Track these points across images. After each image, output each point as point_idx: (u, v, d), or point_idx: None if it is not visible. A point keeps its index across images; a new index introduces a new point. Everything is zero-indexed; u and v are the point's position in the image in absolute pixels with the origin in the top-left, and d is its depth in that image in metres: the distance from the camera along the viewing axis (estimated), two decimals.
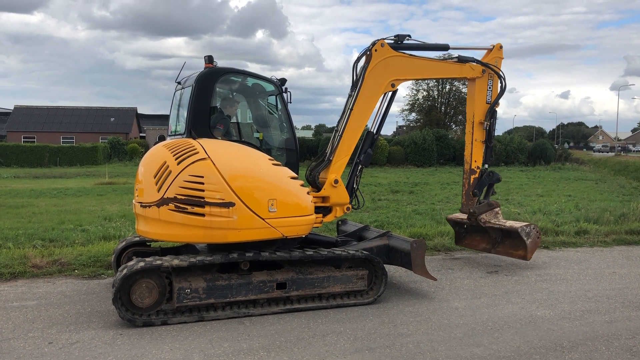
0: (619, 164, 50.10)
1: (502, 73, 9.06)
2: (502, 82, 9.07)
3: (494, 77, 9.01)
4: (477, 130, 9.05)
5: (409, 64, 8.35)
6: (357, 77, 8.07)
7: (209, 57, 7.20)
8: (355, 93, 7.94)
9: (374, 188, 23.89)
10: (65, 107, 64.90)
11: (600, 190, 24.93)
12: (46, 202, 18.00)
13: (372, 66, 7.98)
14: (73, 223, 12.78)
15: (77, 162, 45.32)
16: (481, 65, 8.89)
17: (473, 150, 9.06)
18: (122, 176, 30.27)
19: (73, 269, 8.60)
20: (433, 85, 68.34)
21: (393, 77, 8.14)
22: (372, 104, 8.08)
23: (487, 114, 9.00)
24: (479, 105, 9.02)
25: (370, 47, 8.05)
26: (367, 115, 8.07)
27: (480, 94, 9.00)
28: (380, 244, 7.83)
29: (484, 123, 8.99)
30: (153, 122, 70.52)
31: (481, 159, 9.12)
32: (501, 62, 9.14)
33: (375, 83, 8.02)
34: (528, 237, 8.80)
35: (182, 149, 6.48)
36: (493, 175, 9.20)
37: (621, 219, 13.52)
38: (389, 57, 8.08)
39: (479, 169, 9.10)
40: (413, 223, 12.83)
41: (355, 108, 7.90)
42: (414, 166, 46.15)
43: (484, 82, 8.97)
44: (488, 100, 9.03)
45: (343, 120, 7.99)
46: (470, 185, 9.08)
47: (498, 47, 9.12)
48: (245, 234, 6.43)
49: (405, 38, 8.35)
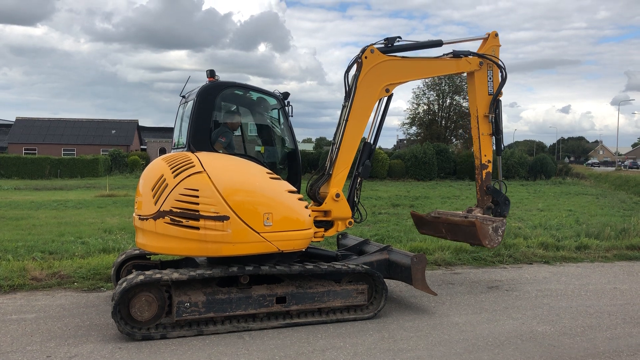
0: (619, 178, 50.09)
1: (501, 62, 8.77)
2: (502, 72, 8.77)
3: (493, 67, 8.72)
4: (483, 123, 8.76)
5: (402, 67, 8.11)
6: (350, 87, 7.91)
7: (210, 71, 7.24)
8: (349, 103, 7.79)
9: (375, 201, 23.87)
10: (66, 119, 65.12)
11: (601, 205, 24.90)
12: (46, 214, 17.99)
13: (364, 74, 7.78)
14: (73, 235, 12.76)
15: (78, 174, 45.36)
16: (478, 57, 8.61)
17: (481, 145, 8.77)
18: (123, 188, 30.26)
19: (72, 281, 8.58)
20: (433, 100, 68.58)
21: (387, 82, 7.94)
22: (367, 112, 7.92)
23: (491, 106, 8.71)
24: (481, 98, 8.73)
25: (360, 55, 7.84)
26: (364, 124, 7.91)
27: (480, 87, 8.72)
28: (381, 259, 7.80)
29: (489, 116, 8.70)
30: (154, 134, 70.72)
31: (491, 153, 8.83)
32: (499, 50, 8.82)
33: (369, 91, 7.85)
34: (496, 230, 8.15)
35: (179, 162, 6.51)
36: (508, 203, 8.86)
37: (622, 234, 13.48)
38: (380, 62, 7.86)
39: (490, 163, 8.82)
40: (413, 237, 12.80)
41: (350, 118, 7.76)
42: (415, 180, 46.15)
43: (483, 74, 8.69)
44: (490, 92, 8.74)
45: (339, 133, 7.85)
46: (484, 181, 8.81)
47: (493, 35, 8.79)
48: (239, 248, 6.41)
49: (396, 40, 8.12)
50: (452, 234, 8.77)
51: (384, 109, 8.27)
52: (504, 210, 8.84)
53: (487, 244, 8.11)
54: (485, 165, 8.83)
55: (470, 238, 8.40)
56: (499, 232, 8.19)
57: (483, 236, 8.08)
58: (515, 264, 10.84)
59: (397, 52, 8.13)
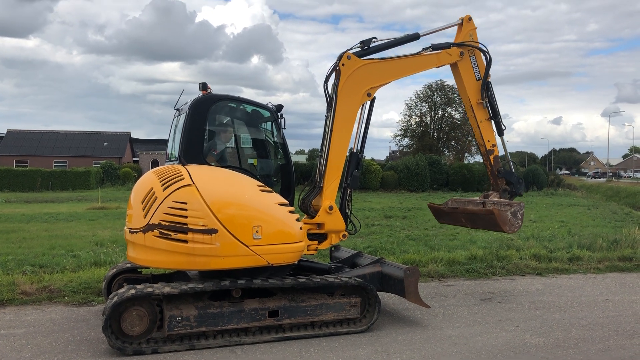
0: (610, 189, 50.41)
1: (482, 45, 8.59)
2: (485, 54, 8.62)
3: (475, 52, 8.57)
4: (478, 111, 8.67)
5: (381, 69, 7.92)
6: (331, 97, 7.76)
7: (203, 84, 7.26)
8: (332, 113, 7.67)
9: (368, 213, 23.86)
10: (58, 131, 64.89)
11: (592, 216, 25.02)
12: (37, 227, 17.84)
13: (344, 81, 7.62)
14: (64, 248, 12.65)
15: (70, 186, 45.10)
16: (457, 47, 8.45)
17: (482, 132, 8.71)
18: (115, 201, 30.11)
19: (63, 295, 8.49)
20: (426, 111, 68.94)
21: (367, 86, 7.77)
22: (351, 120, 7.79)
23: (482, 91, 8.60)
24: (470, 85, 8.60)
25: (338, 62, 7.68)
26: (349, 132, 7.79)
27: (467, 75, 8.58)
28: (374, 271, 7.78)
29: (483, 102, 8.62)
30: (146, 146, 70.49)
31: (493, 137, 8.75)
32: (476, 33, 8.63)
33: (351, 98, 7.72)
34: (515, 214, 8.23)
35: (168, 175, 6.50)
36: (522, 183, 8.83)
37: (614, 245, 13.53)
38: (358, 67, 7.69)
39: (495, 146, 8.76)
40: (406, 249, 12.80)
41: (335, 128, 7.64)
42: (407, 191, 46.20)
43: (466, 63, 8.54)
44: (478, 77, 8.60)
45: (325, 144, 7.72)
46: (493, 166, 8.76)
47: (467, 19, 8.57)
48: (228, 262, 6.37)
49: (371, 41, 7.93)
50: (471, 222, 8.84)
51: (367, 114, 8.08)
52: (519, 189, 8.85)
53: (508, 229, 8.19)
54: (491, 150, 8.77)
55: (491, 226, 8.44)
56: (518, 216, 8.24)
57: (503, 223, 8.13)
58: (508, 276, 10.85)
59: (375, 53, 7.96)
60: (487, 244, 13.83)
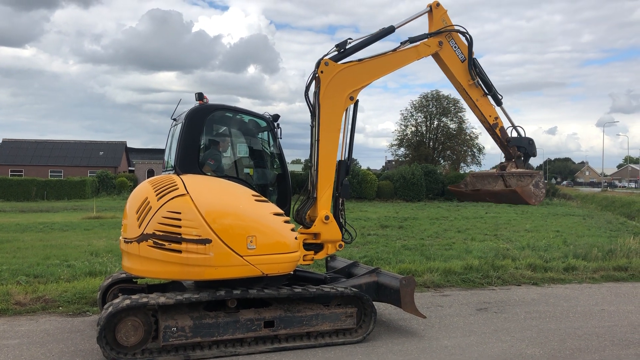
0: (605, 199, 50.58)
1: (458, 27, 8.46)
2: (464, 35, 8.52)
3: (452, 34, 8.45)
4: (472, 91, 8.61)
5: (361, 70, 7.82)
6: (313, 105, 7.71)
7: (199, 94, 7.27)
8: (316, 122, 7.62)
9: (364, 222, 23.84)
10: (53, 140, 64.78)
11: (587, 225, 25.06)
12: (32, 236, 17.76)
13: (324, 88, 7.56)
14: (59, 258, 12.59)
15: (65, 196, 44.96)
16: (434, 36, 8.31)
17: (481, 109, 8.64)
18: (110, 210, 30.01)
19: (57, 306, 8.45)
20: (421, 121, 69.15)
21: (349, 90, 7.70)
22: (337, 126, 7.74)
23: (471, 71, 8.49)
24: (457, 69, 8.50)
25: (316, 70, 7.61)
26: (336, 139, 7.74)
27: (451, 61, 8.47)
28: (370, 281, 7.77)
29: (474, 81, 8.52)
30: (142, 156, 70.49)
31: (494, 110, 8.71)
32: (448, 16, 8.49)
33: (333, 104, 7.66)
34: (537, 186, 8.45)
35: (163, 185, 6.50)
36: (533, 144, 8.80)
37: (609, 254, 13.56)
38: (337, 72, 7.62)
39: (498, 118, 8.71)
40: (402, 259, 12.78)
41: (322, 137, 7.60)
42: (403, 201, 46.28)
43: (447, 49, 8.44)
44: (462, 59, 8.51)
45: (314, 154, 7.69)
46: (502, 138, 8.71)
47: (435, 5, 8.46)
48: (222, 272, 6.35)
49: (347, 43, 7.83)
50: (496, 199, 9.20)
51: (352, 118, 7.99)
52: (533, 150, 8.90)
53: (534, 202, 8.41)
54: (495, 124, 8.75)
55: (517, 201, 8.73)
56: (539, 185, 8.39)
57: (528, 197, 8.36)
58: (503, 286, 10.85)
59: (352, 54, 7.86)
60: (483, 253, 13.83)
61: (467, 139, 68.00)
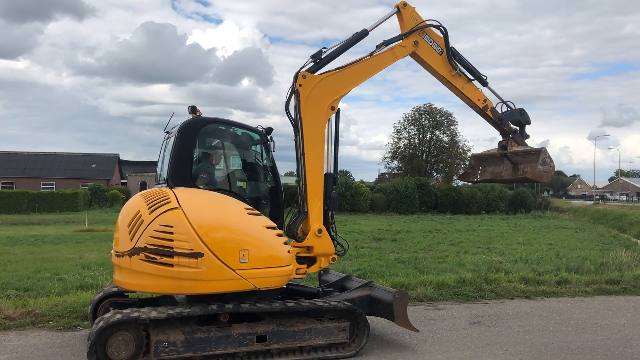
0: (597, 212, 50.83)
1: (430, 21, 8.37)
2: (438, 28, 8.41)
3: (426, 30, 8.35)
4: (456, 81, 8.55)
5: (340, 79, 7.75)
6: (295, 119, 7.66)
7: (192, 107, 7.27)
8: (300, 136, 7.56)
9: (357, 235, 23.83)
10: (46, 153, 64.48)
11: (580, 238, 25.17)
12: (22, 249, 17.62)
13: (304, 101, 7.49)
14: (50, 272, 12.48)
15: (57, 208, 44.68)
16: (407, 36, 8.21)
17: (468, 95, 8.64)
18: (102, 223, 29.84)
19: (47, 320, 8.35)
20: (414, 134, 69.49)
21: (330, 100, 7.64)
22: (321, 137, 7.69)
23: (451, 62, 8.45)
24: (437, 63, 8.43)
25: (294, 83, 7.54)
26: (322, 150, 7.68)
27: (430, 57, 8.40)
28: (363, 295, 7.75)
29: (456, 71, 8.47)
30: (135, 168, 70.23)
31: (481, 93, 8.73)
32: (417, 13, 8.34)
33: (315, 116, 7.57)
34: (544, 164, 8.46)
35: (155, 198, 6.47)
36: (524, 114, 8.90)
37: (601, 268, 13.59)
38: (316, 84, 7.55)
39: (487, 100, 8.75)
40: (396, 272, 12.76)
41: (307, 150, 7.55)
42: (397, 213, 46.32)
43: (424, 46, 8.36)
44: (440, 51, 8.44)
45: (301, 168, 7.63)
46: (494, 117, 8.80)
47: (402, 5, 8.27)
48: (214, 286, 6.30)
49: (322, 53, 7.74)
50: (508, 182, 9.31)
51: (335, 128, 7.91)
52: (526, 118, 9.03)
53: (547, 179, 8.61)
54: (485, 106, 8.80)
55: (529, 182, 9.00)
56: (547, 161, 8.50)
57: (540, 178, 8.52)
58: (496, 299, 10.84)
59: (329, 63, 7.82)
60: (476, 266, 13.84)
61: (460, 151, 68.37)
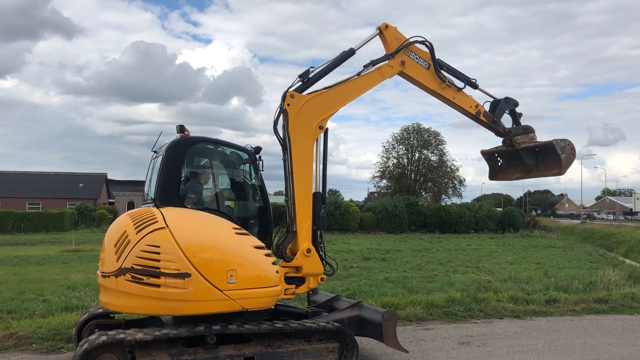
0: (585, 231, 51.17)
1: (414, 38, 8.37)
2: (423, 44, 8.41)
3: (411, 48, 8.35)
4: (446, 92, 8.57)
5: (327, 99, 7.75)
6: (283, 139, 7.65)
7: (180, 126, 7.25)
8: (288, 156, 7.54)
9: (346, 255, 23.77)
10: (32, 172, 63.91)
11: (568, 257, 25.30)
12: (7, 270, 17.37)
13: (293, 121, 7.47)
14: (34, 293, 12.31)
15: (43, 228, 44.18)
16: (394, 56, 8.24)
17: (460, 103, 8.68)
18: (89, 243, 29.54)
19: (31, 342, 8.20)
20: (403, 154, 69.89)
21: (318, 119, 7.62)
22: (309, 157, 7.66)
23: (439, 75, 8.46)
24: (425, 79, 8.45)
25: (282, 103, 7.52)
26: (310, 169, 7.66)
27: (417, 73, 8.42)
28: (352, 315, 7.69)
29: (445, 82, 8.51)
30: (123, 187, 69.79)
31: (472, 100, 8.78)
32: (400, 33, 8.36)
33: (303, 136, 7.55)
34: (562, 152, 8.57)
35: (142, 218, 6.40)
36: (510, 100, 9.01)
37: (589, 287, 13.64)
38: (304, 103, 7.54)
39: (478, 105, 8.82)
40: (385, 292, 12.71)
41: (295, 170, 7.52)
42: (386, 232, 46.32)
43: (411, 64, 8.37)
44: (427, 66, 8.45)
45: (289, 187, 7.59)
46: (487, 122, 8.88)
47: (384, 27, 8.28)
48: (201, 307, 6.21)
49: (309, 72, 7.75)
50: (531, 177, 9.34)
51: (323, 147, 7.89)
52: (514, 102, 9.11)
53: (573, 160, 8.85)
54: (478, 111, 8.84)
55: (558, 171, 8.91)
56: (566, 150, 8.67)
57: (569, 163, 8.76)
58: (486, 319, 10.81)
59: (316, 82, 7.82)
60: (465, 286, 13.83)
61: (448, 171, 68.81)
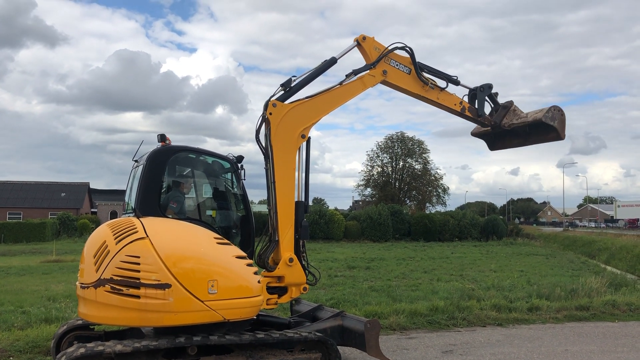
0: (567, 239, 51.67)
1: (394, 45, 8.41)
2: (403, 50, 8.46)
3: (391, 56, 8.37)
4: (430, 94, 8.63)
5: (310, 108, 7.76)
6: (265, 148, 7.56)
7: (161, 135, 7.20)
8: (270, 165, 7.51)
9: (331, 264, 23.74)
10: (13, 181, 63.11)
11: (550, 265, 25.51)
12: None
13: (275, 130, 7.46)
14: (13, 304, 12.12)
15: (24, 238, 43.59)
16: (375, 66, 8.26)
17: (444, 103, 8.77)
18: (71, 253, 29.15)
19: (8, 356, 8.05)
20: (387, 162, 70.15)
21: (300, 128, 7.63)
22: (291, 166, 7.65)
23: (420, 78, 8.52)
24: (407, 84, 8.50)
25: (265, 112, 7.51)
26: (292, 179, 7.64)
27: (399, 79, 8.46)
28: (334, 325, 7.65)
29: (427, 85, 8.57)
30: (106, 197, 69.15)
31: (456, 97, 8.88)
32: (378, 42, 8.39)
33: (285, 145, 7.54)
34: (554, 121, 8.70)
35: (122, 228, 6.32)
36: (484, 87, 9.11)
37: (571, 294, 13.77)
38: (287, 112, 7.54)
39: (462, 102, 8.93)
40: (369, 300, 12.71)
41: (277, 179, 7.49)
42: (370, 241, 46.36)
43: (392, 72, 8.42)
44: (408, 71, 8.50)
45: (271, 196, 7.55)
46: (472, 117, 9.02)
47: (361, 38, 8.31)
48: (182, 318, 6.14)
49: (291, 81, 7.76)
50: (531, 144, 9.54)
51: (306, 156, 7.82)
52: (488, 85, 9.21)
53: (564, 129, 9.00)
54: (463, 108, 8.94)
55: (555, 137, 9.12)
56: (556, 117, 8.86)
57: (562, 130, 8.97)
58: (469, 327, 10.84)
59: (299, 91, 7.82)
60: (449, 294, 13.87)
61: (432, 179, 69.17)
